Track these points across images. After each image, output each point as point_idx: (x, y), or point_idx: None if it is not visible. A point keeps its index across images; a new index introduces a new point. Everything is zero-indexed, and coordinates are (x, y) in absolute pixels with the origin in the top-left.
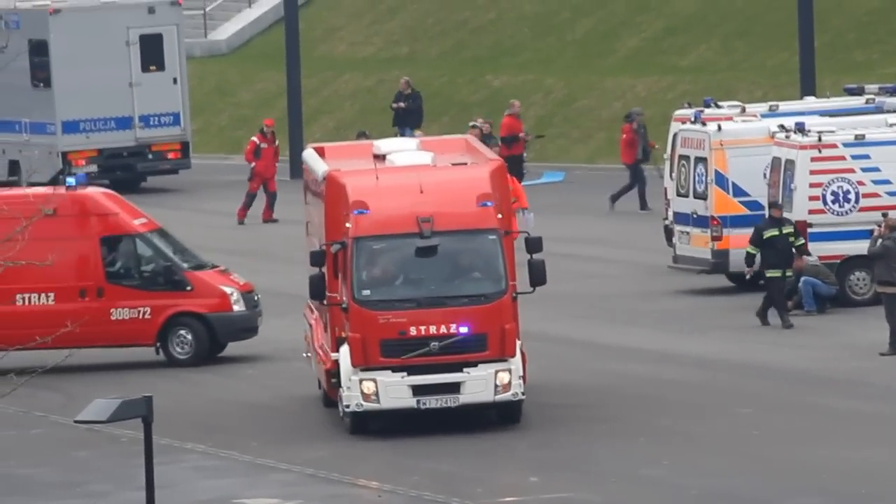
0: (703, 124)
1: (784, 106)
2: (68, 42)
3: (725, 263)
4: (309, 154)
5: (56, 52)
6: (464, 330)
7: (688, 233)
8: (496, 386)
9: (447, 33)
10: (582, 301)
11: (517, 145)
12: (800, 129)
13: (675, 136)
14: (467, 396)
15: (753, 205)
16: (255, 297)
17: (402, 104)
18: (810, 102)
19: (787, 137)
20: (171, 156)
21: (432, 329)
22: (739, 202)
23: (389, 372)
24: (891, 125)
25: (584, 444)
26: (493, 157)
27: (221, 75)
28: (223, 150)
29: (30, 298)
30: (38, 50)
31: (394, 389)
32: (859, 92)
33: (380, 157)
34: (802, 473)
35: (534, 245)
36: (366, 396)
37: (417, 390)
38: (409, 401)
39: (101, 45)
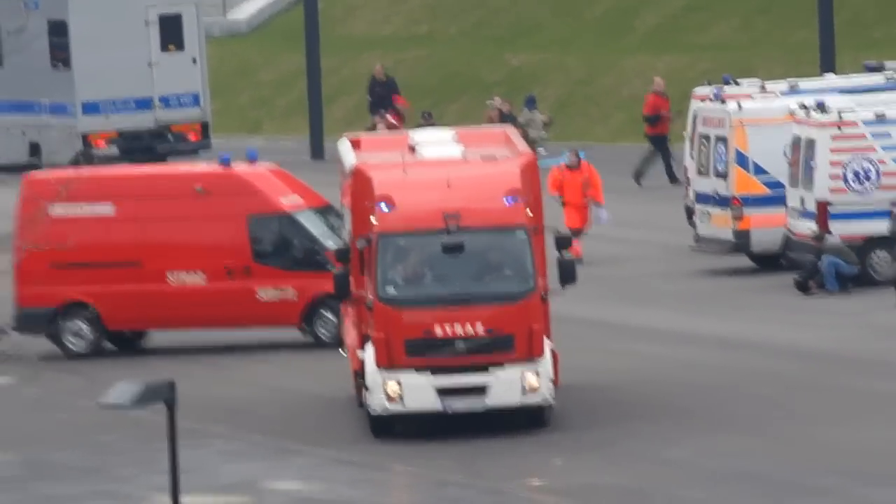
0: (723, 102)
1: (804, 84)
2: (87, 22)
3: (747, 243)
4: (342, 145)
5: (75, 32)
6: (490, 330)
7: (708, 213)
8: (523, 388)
9: (466, 12)
10: (603, 282)
11: (661, 124)
12: (820, 107)
13: (695, 114)
14: (494, 399)
15: (774, 184)
16: None
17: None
18: (830, 80)
19: (808, 116)
20: (191, 137)
21: (458, 329)
22: (760, 181)
23: (414, 372)
24: None
25: (606, 426)
26: (526, 150)
27: (241, 55)
28: (243, 131)
29: (180, 277)
30: (57, 30)
31: (418, 391)
32: (879, 69)
33: (412, 150)
34: (824, 453)
35: (563, 243)
36: (390, 398)
37: (443, 392)
38: (434, 403)
39: (120, 26)
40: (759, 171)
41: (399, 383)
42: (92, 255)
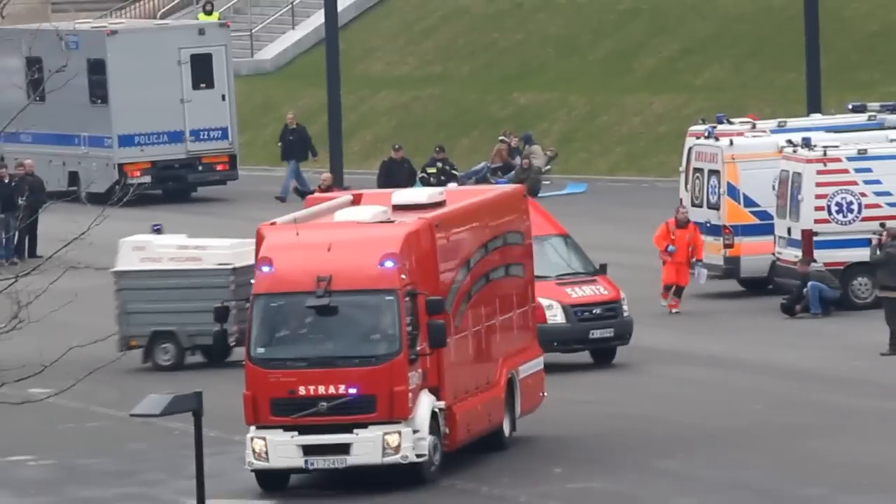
0: (716, 139)
1: (792, 122)
2: (124, 61)
3: (737, 269)
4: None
5: (113, 70)
6: (352, 391)
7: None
8: (384, 448)
9: (477, 53)
10: None
11: None
12: (806, 143)
13: (689, 150)
14: (355, 458)
15: (763, 214)
16: (593, 311)
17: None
18: (816, 119)
19: (795, 152)
20: (219, 167)
21: (321, 389)
22: (750, 212)
23: (281, 431)
24: (891, 140)
25: (602, 438)
26: (437, 214)
27: (266, 92)
28: (268, 163)
29: None
30: (96, 69)
31: (283, 448)
32: (862, 109)
33: (398, 208)
34: (810, 465)
35: (433, 307)
36: (256, 455)
37: (307, 450)
38: (298, 460)
39: (154, 64)
40: (748, 202)
41: (265, 440)
42: None
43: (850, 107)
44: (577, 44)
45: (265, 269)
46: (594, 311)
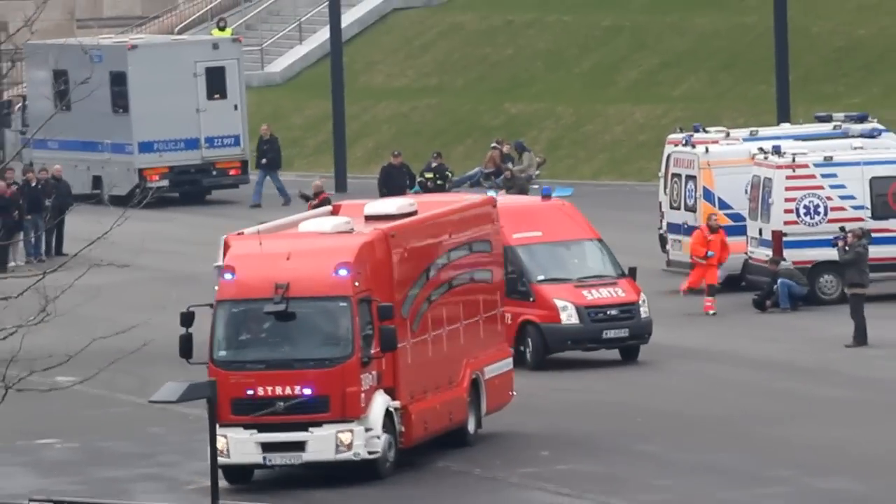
0: (693, 147)
1: (763, 131)
2: (144, 73)
3: None
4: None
5: (133, 82)
6: (307, 392)
7: (679, 241)
8: (337, 446)
9: (471, 67)
10: None
11: None
12: (776, 151)
13: (668, 156)
14: (310, 455)
15: (736, 216)
16: (607, 312)
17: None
18: (785, 128)
19: (766, 158)
20: (232, 172)
21: (278, 390)
22: (724, 214)
23: (241, 429)
24: (855, 148)
25: (587, 424)
26: (394, 226)
27: (276, 103)
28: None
29: None
30: (118, 80)
31: (243, 445)
32: (828, 119)
33: (370, 218)
34: (779, 449)
35: (385, 312)
36: (219, 451)
37: (265, 447)
38: (256, 457)
39: (172, 77)
40: (723, 205)
41: (226, 438)
42: None
43: (816, 117)
44: (563, 58)
45: (228, 276)
46: (609, 313)
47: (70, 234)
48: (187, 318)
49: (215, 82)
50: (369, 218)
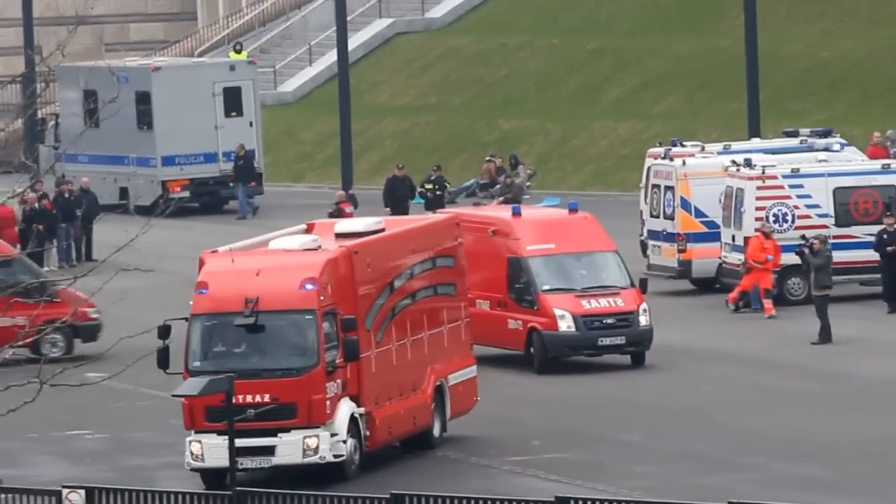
0: (671, 160)
1: (735, 145)
2: (167, 93)
3: (689, 271)
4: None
5: (157, 101)
6: (276, 399)
7: (659, 246)
8: (305, 450)
9: (467, 86)
10: None
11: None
12: (748, 163)
13: (648, 169)
14: (279, 458)
15: (711, 224)
16: (603, 321)
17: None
18: (756, 143)
19: (738, 170)
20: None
21: (249, 398)
22: (700, 222)
23: (214, 435)
24: (819, 161)
25: (575, 415)
26: (358, 243)
27: (288, 120)
28: (289, 180)
29: (480, 304)
30: (143, 99)
31: (217, 450)
32: (795, 134)
33: (340, 236)
34: (750, 438)
35: (348, 325)
36: (194, 456)
37: (238, 451)
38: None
39: (192, 96)
40: (699, 213)
41: (200, 443)
42: None
43: (784, 132)
44: (552, 78)
45: (201, 291)
46: (605, 321)
47: (98, 241)
48: (164, 331)
49: (232, 101)
50: (339, 235)
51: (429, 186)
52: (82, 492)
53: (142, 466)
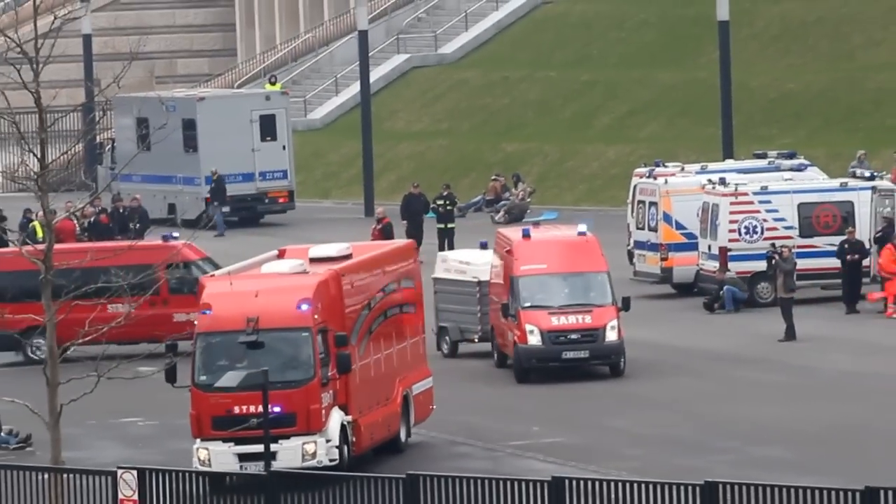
0: (655, 179)
1: (711, 166)
2: (210, 120)
3: (670, 276)
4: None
5: (201, 127)
6: (276, 409)
7: (644, 255)
8: (303, 455)
9: (474, 114)
10: None
11: None
12: (722, 182)
13: (635, 187)
14: (280, 463)
15: (690, 235)
16: (568, 336)
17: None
18: (729, 163)
19: (714, 188)
20: (281, 200)
21: (252, 408)
22: (680, 233)
23: (220, 442)
24: (786, 180)
25: (571, 403)
26: (343, 266)
27: (316, 144)
28: (317, 196)
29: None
30: (189, 126)
31: (222, 456)
32: (764, 156)
33: (314, 260)
34: (725, 424)
35: (340, 340)
36: (201, 462)
37: (241, 457)
38: (234, 466)
39: (232, 122)
40: (679, 226)
41: (207, 450)
42: None
43: (754, 154)
44: (550, 106)
45: (205, 312)
46: (569, 337)
47: None
48: (171, 348)
49: (267, 127)
50: (313, 260)
51: (440, 202)
52: (135, 472)
53: (188, 450)
